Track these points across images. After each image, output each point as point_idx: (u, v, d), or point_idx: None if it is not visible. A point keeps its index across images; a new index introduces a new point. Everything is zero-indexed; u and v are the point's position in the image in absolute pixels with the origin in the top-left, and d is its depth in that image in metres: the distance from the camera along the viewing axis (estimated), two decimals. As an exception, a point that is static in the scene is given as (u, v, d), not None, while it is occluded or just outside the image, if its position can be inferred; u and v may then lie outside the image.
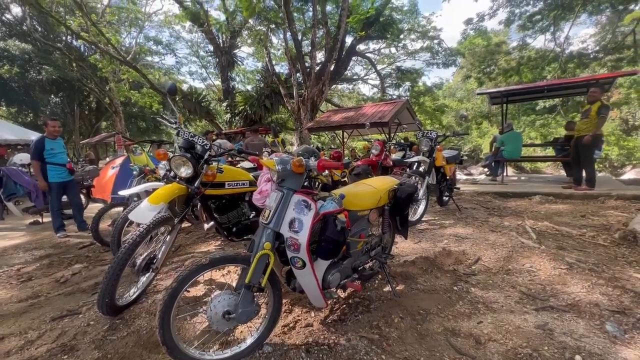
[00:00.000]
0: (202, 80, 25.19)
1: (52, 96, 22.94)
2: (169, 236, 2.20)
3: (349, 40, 15.04)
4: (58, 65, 19.87)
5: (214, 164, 2.28)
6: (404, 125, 6.29)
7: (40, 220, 5.42)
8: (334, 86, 20.07)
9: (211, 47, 19.84)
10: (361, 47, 17.03)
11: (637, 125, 20.88)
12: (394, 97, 18.18)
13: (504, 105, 7.32)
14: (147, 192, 3.09)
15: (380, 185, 2.06)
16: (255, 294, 1.47)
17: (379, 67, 18.01)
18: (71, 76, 19.63)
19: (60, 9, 16.47)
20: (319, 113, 14.54)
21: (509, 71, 17.32)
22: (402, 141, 5.91)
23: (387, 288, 2.20)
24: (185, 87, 20.21)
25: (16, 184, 5.01)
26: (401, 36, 15.81)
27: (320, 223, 1.56)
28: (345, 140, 12.49)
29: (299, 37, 13.74)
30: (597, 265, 2.28)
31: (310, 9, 15.51)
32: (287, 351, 1.58)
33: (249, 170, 4.05)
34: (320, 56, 14.70)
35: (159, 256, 2.18)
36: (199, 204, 2.67)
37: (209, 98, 18.51)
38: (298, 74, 13.54)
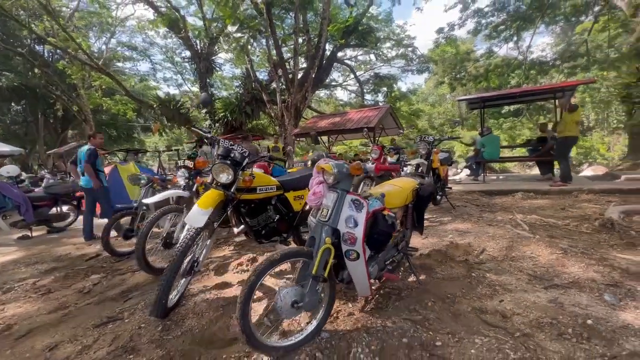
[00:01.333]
0: (177, 86, 24.67)
1: (13, 104, 21.53)
2: (208, 240, 2.31)
3: (329, 48, 15.42)
4: (19, 72, 18.74)
5: (248, 170, 2.42)
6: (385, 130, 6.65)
7: (29, 234, 5.19)
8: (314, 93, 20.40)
9: (188, 53, 19.59)
10: (340, 54, 17.50)
11: (592, 126, 22.91)
12: (373, 102, 18.79)
13: (482, 110, 7.92)
14: (161, 201, 3.15)
15: (405, 185, 2.30)
16: (319, 284, 1.64)
17: (357, 73, 18.54)
18: (34, 83, 18.57)
19: (21, 12, 15.60)
20: (301, 119, 14.78)
21: (478, 77, 18.46)
22: (393, 145, 6.25)
23: (412, 278, 2.43)
24: (161, 94, 19.73)
25: (5, 196, 4.79)
26: (378, 44, 16.41)
27: (370, 219, 1.76)
28: (330, 145, 12.78)
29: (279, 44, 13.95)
30: (586, 249, 2.65)
31: (290, 16, 15.81)
32: (345, 335, 1.76)
33: None
34: (300, 63, 14.99)
35: (200, 259, 2.29)
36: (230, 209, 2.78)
37: (188, 105, 18.16)
38: (280, 81, 13.73)
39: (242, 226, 2.64)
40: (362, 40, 14.92)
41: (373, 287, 2.34)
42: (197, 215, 2.00)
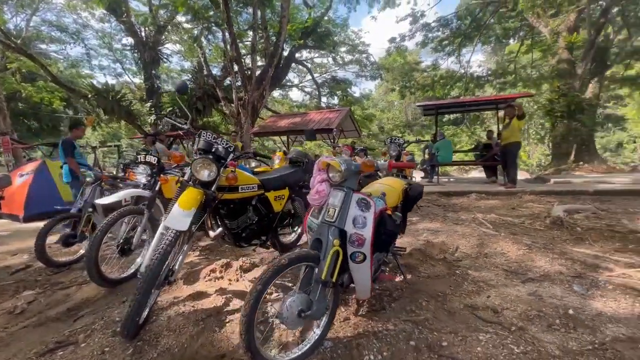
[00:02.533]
0: (115, 76, 22.34)
1: None
2: (185, 246, 2.04)
3: (287, 47, 15.24)
4: None
5: (230, 167, 2.20)
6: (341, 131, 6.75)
7: None
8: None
9: (130, 41, 17.85)
10: (297, 55, 17.39)
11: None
12: (330, 105, 19.02)
13: (436, 116, 8.47)
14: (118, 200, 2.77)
15: (395, 185, 2.29)
16: (326, 290, 1.52)
17: (314, 76, 18.62)
18: None
19: None
20: (258, 119, 14.34)
21: (426, 87, 19.81)
22: (354, 147, 6.34)
23: (399, 278, 2.42)
24: (97, 83, 17.64)
25: None
26: (336, 48, 16.68)
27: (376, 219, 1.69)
28: (290, 144, 12.60)
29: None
30: (546, 245, 2.91)
31: (246, 11, 15.31)
32: (350, 342, 1.66)
33: None
34: (257, 61, 14.56)
35: (176, 268, 2.00)
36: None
37: (129, 97, 16.52)
38: (236, 77, 13.16)
39: (220, 229, 2.39)
40: (320, 42, 15.02)
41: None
42: (180, 217, 1.74)
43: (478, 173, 13.38)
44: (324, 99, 20.25)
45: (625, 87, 16.96)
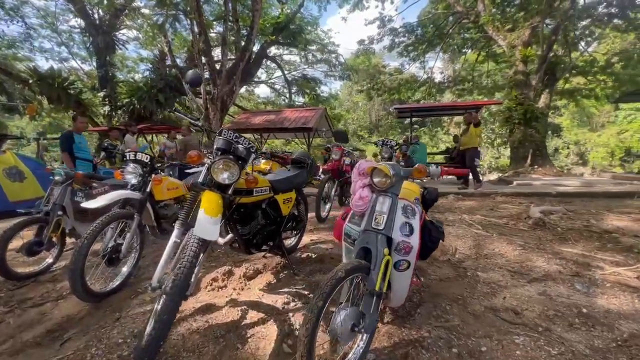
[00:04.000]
0: (60, 60, 20.05)
1: None
2: (201, 255, 1.83)
3: (259, 42, 14.80)
4: None
5: (246, 167, 2.03)
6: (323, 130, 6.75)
7: None
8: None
9: (80, 22, 16.14)
10: (268, 51, 16.98)
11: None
12: (297, 103, 18.85)
13: (411, 119, 8.75)
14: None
15: (414, 189, 2.27)
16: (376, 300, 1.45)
17: (285, 73, 18.31)
18: None
19: None
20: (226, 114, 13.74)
21: (392, 90, 20.45)
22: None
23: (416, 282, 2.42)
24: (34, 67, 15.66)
25: None
26: (308, 46, 16.55)
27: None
28: (261, 143, 12.25)
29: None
30: (538, 245, 3.10)
31: (215, 1, 14.61)
32: (393, 352, 1.61)
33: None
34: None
35: (192, 280, 1.79)
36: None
37: (79, 85, 14.94)
38: (204, 70, 12.48)
39: (230, 235, 2.21)
40: (293, 39, 14.79)
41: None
42: (208, 224, 1.55)
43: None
44: (294, 97, 20.04)
45: (564, 99, 19.01)
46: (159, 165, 2.80)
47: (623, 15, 12.94)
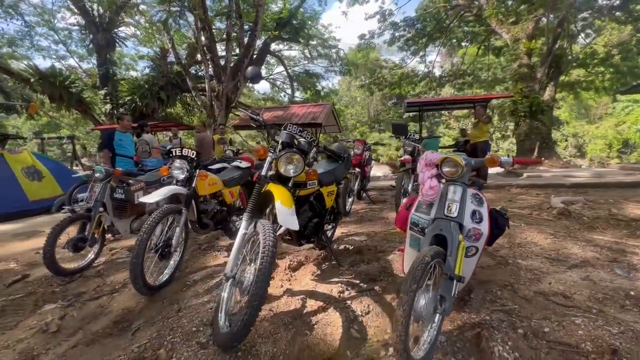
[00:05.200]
0: (57, 59, 19.78)
1: None
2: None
3: (262, 38, 14.73)
4: None
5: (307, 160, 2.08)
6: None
7: None
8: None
9: (78, 20, 15.94)
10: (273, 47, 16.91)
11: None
12: (301, 99, 18.83)
13: (421, 113, 8.82)
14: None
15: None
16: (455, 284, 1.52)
17: (287, 68, 18.25)
18: None
19: None
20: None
21: (393, 84, 20.49)
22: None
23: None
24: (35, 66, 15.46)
25: None
26: (310, 41, 16.49)
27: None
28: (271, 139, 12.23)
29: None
30: (568, 234, 3.20)
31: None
32: (463, 334, 1.68)
33: (242, 169, 3.71)
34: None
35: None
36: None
37: (80, 83, 14.79)
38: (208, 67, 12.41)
39: (283, 228, 2.27)
40: (295, 34, 14.74)
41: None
42: (288, 215, 1.60)
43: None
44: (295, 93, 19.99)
45: (564, 92, 19.17)
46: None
47: (623, 7, 13.05)
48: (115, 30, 15.94)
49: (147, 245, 2.20)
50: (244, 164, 3.73)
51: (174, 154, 2.61)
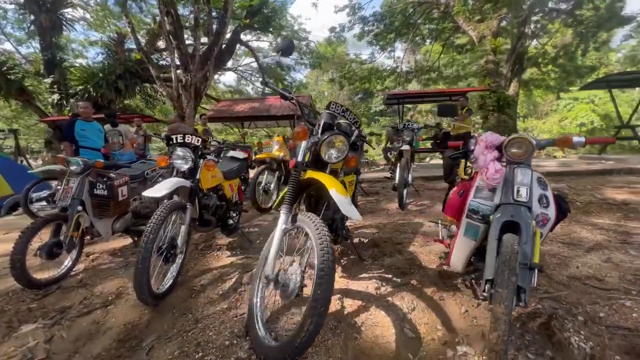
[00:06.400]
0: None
1: None
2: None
3: (232, 27, 13.98)
4: None
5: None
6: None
7: None
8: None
9: (15, -3, 14.01)
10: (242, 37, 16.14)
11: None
12: (267, 92, 18.25)
13: (400, 106, 8.88)
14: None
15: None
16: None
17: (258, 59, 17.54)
18: None
19: None
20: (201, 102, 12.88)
21: (363, 79, 20.64)
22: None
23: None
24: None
25: None
26: (281, 31, 15.98)
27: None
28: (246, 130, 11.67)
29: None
30: (570, 218, 3.30)
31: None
32: (526, 323, 1.59)
33: (240, 160, 3.42)
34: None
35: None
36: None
37: (20, 69, 13.07)
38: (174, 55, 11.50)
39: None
40: (266, 24, 14.18)
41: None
42: (348, 205, 1.38)
43: (437, 160, 14.64)
44: (259, 85, 19.37)
45: (520, 89, 20.60)
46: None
47: (570, 12, 14.19)
48: (62, 11, 14.23)
49: (153, 249, 1.86)
50: (241, 155, 3.41)
51: (174, 140, 2.25)
